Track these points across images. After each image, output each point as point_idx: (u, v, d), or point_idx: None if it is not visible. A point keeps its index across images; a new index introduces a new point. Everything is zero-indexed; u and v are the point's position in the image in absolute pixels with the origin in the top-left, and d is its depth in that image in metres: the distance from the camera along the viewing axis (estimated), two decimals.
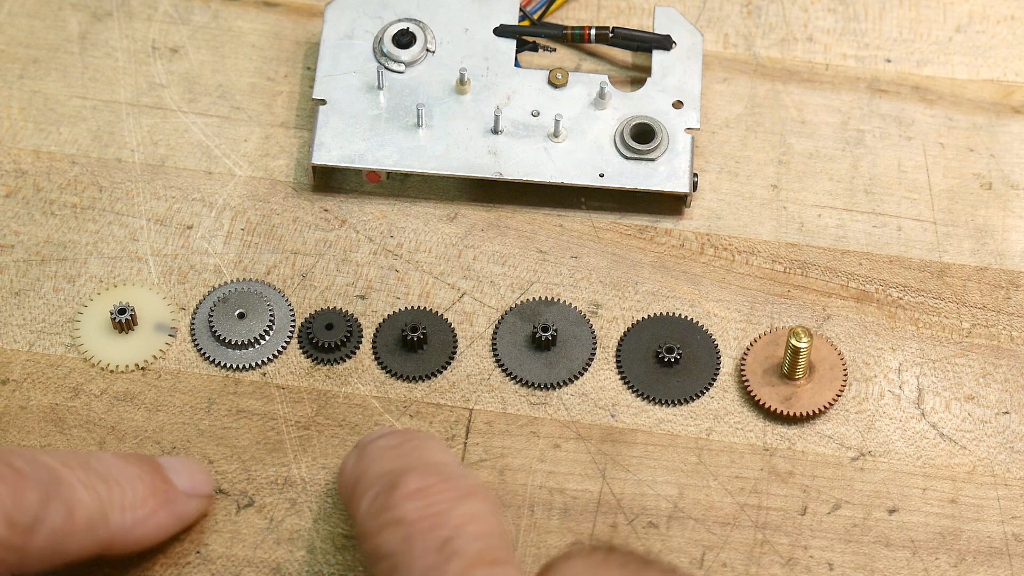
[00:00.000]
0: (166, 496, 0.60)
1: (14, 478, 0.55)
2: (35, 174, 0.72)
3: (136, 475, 0.59)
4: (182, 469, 0.61)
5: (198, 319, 0.68)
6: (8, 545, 0.54)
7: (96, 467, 0.58)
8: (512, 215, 0.71)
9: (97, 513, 0.57)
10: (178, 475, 0.61)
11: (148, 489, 0.59)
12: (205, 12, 0.76)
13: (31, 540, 0.55)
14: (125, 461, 0.59)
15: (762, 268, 0.70)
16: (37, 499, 0.55)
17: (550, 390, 0.67)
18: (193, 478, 0.62)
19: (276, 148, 0.73)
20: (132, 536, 0.58)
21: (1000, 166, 0.73)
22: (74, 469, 0.57)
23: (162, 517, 0.60)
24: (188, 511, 0.61)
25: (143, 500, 0.59)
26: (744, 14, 0.77)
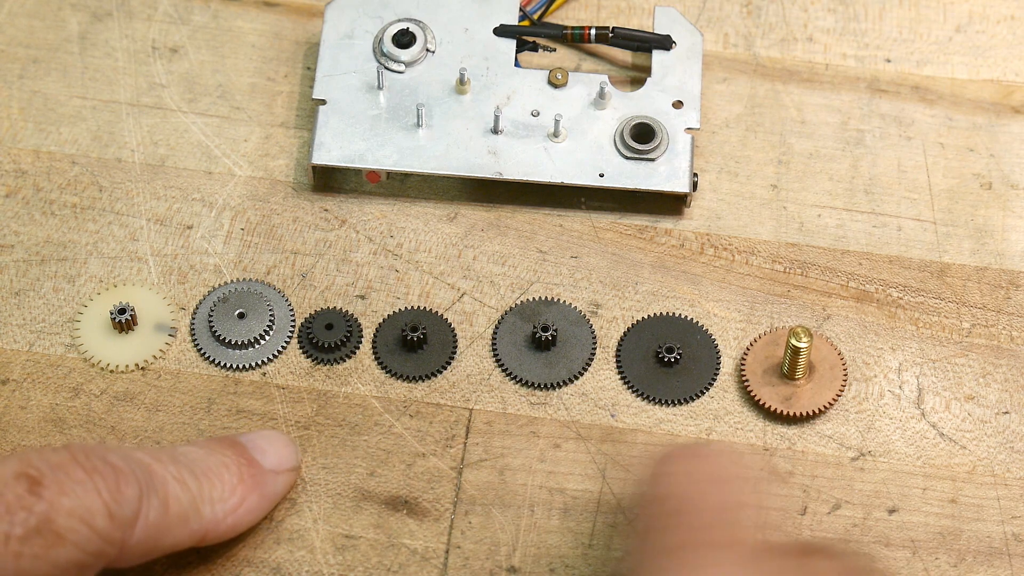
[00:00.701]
0: (254, 480, 0.60)
1: (112, 474, 0.55)
2: (35, 174, 0.72)
3: (223, 464, 0.59)
4: (266, 446, 0.62)
5: (198, 319, 0.68)
6: (110, 539, 0.55)
7: (185, 461, 0.58)
8: (512, 215, 0.72)
9: (190, 507, 0.58)
10: (263, 453, 0.61)
11: (236, 477, 0.60)
12: (205, 12, 0.76)
13: (131, 534, 0.56)
14: (210, 450, 0.60)
15: (762, 268, 0.70)
16: (135, 494, 0.56)
17: (550, 390, 0.67)
18: (279, 453, 0.62)
19: (276, 148, 0.73)
20: (224, 526, 0.59)
21: (1000, 166, 0.73)
22: (165, 464, 0.58)
23: (252, 501, 0.60)
24: (277, 490, 0.62)
25: (232, 489, 0.59)
26: (744, 14, 0.77)
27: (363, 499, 0.65)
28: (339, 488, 0.65)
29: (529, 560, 0.64)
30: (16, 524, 0.53)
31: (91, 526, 0.54)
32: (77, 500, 0.54)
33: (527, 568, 0.63)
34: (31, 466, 0.55)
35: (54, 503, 0.54)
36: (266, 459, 0.61)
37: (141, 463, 0.57)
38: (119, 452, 0.57)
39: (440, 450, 0.66)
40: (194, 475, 0.58)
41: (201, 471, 0.59)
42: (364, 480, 0.65)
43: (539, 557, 0.64)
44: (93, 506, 0.54)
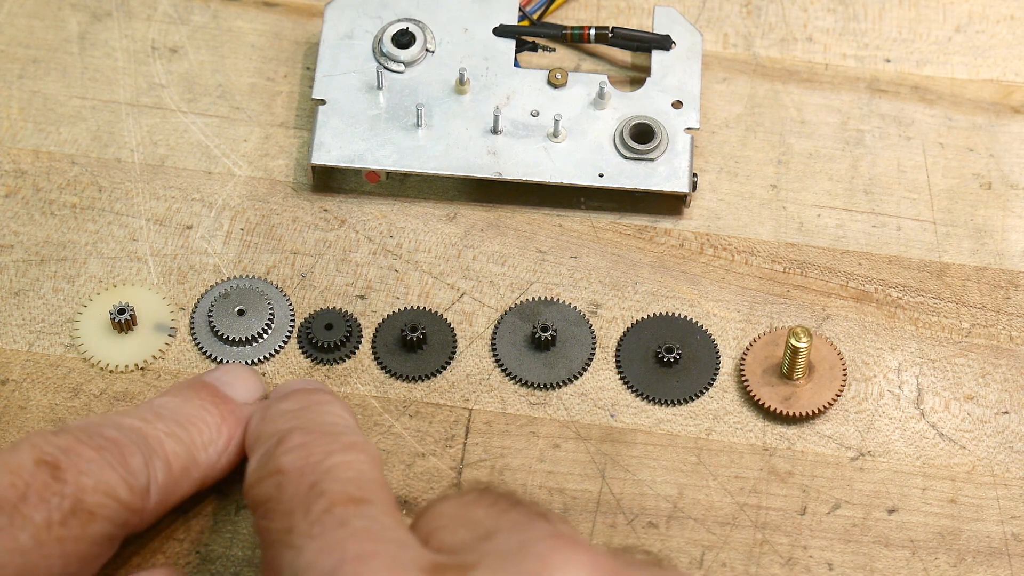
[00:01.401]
0: (234, 416, 0.62)
1: (116, 448, 0.57)
2: (35, 174, 0.72)
3: (202, 408, 0.61)
4: (233, 380, 0.63)
5: (198, 316, 0.68)
6: (132, 508, 0.57)
7: (168, 414, 0.60)
8: (512, 215, 0.72)
9: (188, 459, 0.60)
10: (233, 388, 0.63)
11: (218, 417, 0.61)
12: (205, 12, 0.76)
13: (148, 500, 0.58)
14: (185, 398, 0.61)
15: (761, 268, 0.70)
16: (141, 462, 0.58)
17: (550, 390, 0.67)
18: (247, 385, 0.63)
19: (276, 148, 0.73)
20: (220, 466, 0.61)
21: (1000, 166, 0.73)
22: (154, 423, 0.60)
23: (239, 437, 0.62)
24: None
25: (218, 430, 0.61)
26: (744, 14, 0.77)
27: None
28: None
29: None
30: (53, 510, 0.55)
31: (116, 499, 0.57)
32: (97, 477, 0.56)
33: None
34: (45, 452, 0.56)
35: (79, 484, 0.56)
36: (237, 393, 0.63)
37: (134, 429, 0.59)
38: (111, 423, 0.59)
39: (440, 450, 0.66)
40: (181, 426, 0.60)
41: (186, 419, 0.60)
42: None
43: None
44: (112, 480, 0.57)
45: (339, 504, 0.55)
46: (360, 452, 0.57)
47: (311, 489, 0.55)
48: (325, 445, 0.57)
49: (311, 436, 0.58)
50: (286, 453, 0.57)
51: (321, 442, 0.57)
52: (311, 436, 0.58)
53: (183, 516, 0.64)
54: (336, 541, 0.53)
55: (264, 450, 0.58)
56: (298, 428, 0.58)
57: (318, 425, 0.58)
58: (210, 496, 0.64)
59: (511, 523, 0.54)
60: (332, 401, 0.61)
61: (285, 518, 0.55)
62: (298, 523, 0.54)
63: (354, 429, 0.59)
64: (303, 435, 0.58)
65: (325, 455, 0.57)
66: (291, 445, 0.57)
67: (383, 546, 0.53)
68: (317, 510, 0.54)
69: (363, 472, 0.56)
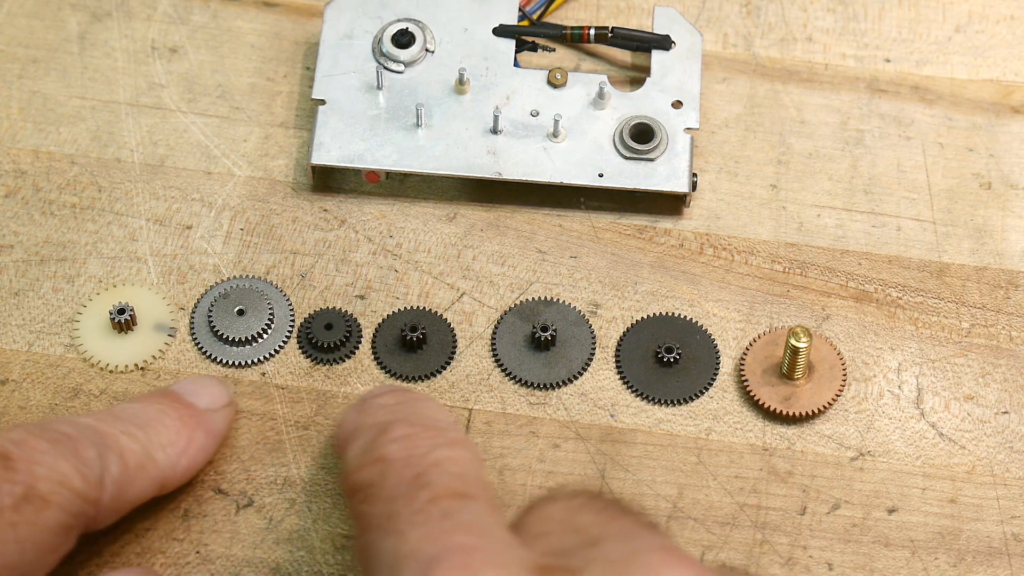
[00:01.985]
0: (195, 420, 0.62)
1: (69, 441, 0.58)
2: (34, 174, 0.72)
3: (161, 411, 0.62)
4: (197, 389, 0.64)
5: (198, 316, 0.68)
6: (87, 497, 0.58)
7: (126, 416, 0.61)
8: (511, 215, 0.72)
9: (144, 455, 0.60)
10: (196, 396, 0.63)
11: (177, 420, 0.62)
12: (204, 12, 0.76)
13: (102, 492, 0.58)
14: (146, 403, 0.62)
15: (761, 268, 0.70)
16: (94, 454, 0.58)
17: (549, 390, 0.67)
18: (211, 393, 0.64)
19: (275, 148, 0.73)
20: (180, 468, 0.62)
21: (1000, 166, 0.73)
22: (110, 423, 0.60)
23: (199, 440, 0.62)
24: (218, 426, 0.64)
25: (177, 432, 0.61)
26: (743, 14, 0.77)
27: None
28: (338, 488, 0.65)
29: None
30: (4, 496, 0.56)
31: (69, 487, 0.57)
32: (49, 467, 0.57)
33: None
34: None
35: (31, 472, 0.56)
36: (200, 400, 0.63)
37: (89, 426, 0.59)
38: (67, 421, 0.59)
39: None
40: (139, 426, 0.61)
41: (144, 421, 0.61)
42: None
43: None
44: (65, 469, 0.57)
45: (444, 497, 0.54)
46: (464, 449, 0.57)
47: (415, 479, 0.55)
48: (430, 438, 0.57)
49: (415, 428, 0.57)
50: (390, 443, 0.57)
51: (426, 435, 0.57)
52: (415, 428, 0.57)
53: (183, 516, 0.64)
54: (441, 531, 0.53)
55: (365, 439, 0.58)
56: (402, 420, 0.58)
57: (421, 418, 0.58)
58: (210, 496, 0.64)
59: (619, 531, 0.53)
60: (430, 399, 0.62)
61: (387, 504, 0.55)
62: (401, 509, 0.54)
63: (456, 426, 0.60)
64: (407, 427, 0.57)
65: (430, 448, 0.56)
66: (395, 435, 0.57)
67: (488, 542, 0.52)
68: (421, 499, 0.54)
69: (467, 469, 0.56)
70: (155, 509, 0.64)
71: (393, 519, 0.54)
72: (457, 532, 0.53)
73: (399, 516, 0.54)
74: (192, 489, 0.65)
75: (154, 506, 0.64)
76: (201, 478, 0.65)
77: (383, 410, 0.60)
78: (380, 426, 0.58)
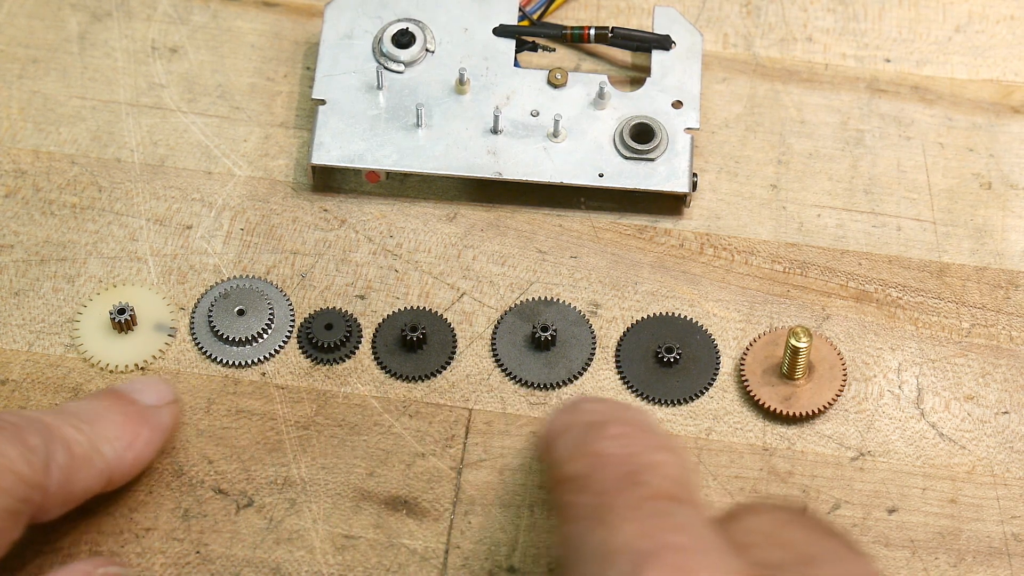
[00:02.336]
0: (140, 416, 0.63)
1: (14, 429, 0.58)
2: (34, 174, 0.72)
3: (106, 408, 0.62)
4: (142, 387, 0.64)
5: (198, 316, 0.68)
6: (32, 483, 0.58)
7: (72, 412, 0.61)
8: (512, 215, 0.72)
9: (90, 447, 0.60)
10: (141, 393, 0.64)
11: (123, 416, 0.62)
12: (204, 12, 0.76)
13: (48, 479, 0.58)
14: (91, 400, 0.63)
15: (761, 268, 0.70)
16: (40, 441, 0.59)
17: (549, 390, 0.67)
18: (155, 390, 0.64)
19: (276, 148, 0.73)
20: (127, 463, 0.62)
21: (1000, 166, 0.73)
22: (56, 416, 0.61)
23: (145, 435, 0.63)
24: (164, 422, 0.64)
25: (123, 427, 0.62)
26: (744, 14, 0.77)
27: (363, 499, 0.65)
28: (338, 488, 0.65)
29: (528, 560, 0.64)
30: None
31: (14, 472, 0.57)
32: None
33: (527, 568, 0.63)
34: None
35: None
36: (145, 397, 0.64)
37: (34, 418, 0.60)
38: (11, 413, 0.60)
39: (440, 450, 0.66)
40: (85, 420, 0.61)
41: (90, 417, 0.62)
42: (363, 480, 0.65)
43: (539, 557, 0.64)
44: (10, 454, 0.57)
45: (658, 497, 0.54)
46: (677, 455, 0.57)
47: (630, 476, 0.55)
48: (645, 440, 0.57)
49: (630, 428, 0.57)
50: (605, 439, 0.56)
51: (641, 436, 0.57)
52: (630, 428, 0.57)
53: (183, 516, 0.64)
54: (656, 528, 0.52)
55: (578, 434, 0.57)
56: (615, 420, 0.58)
57: (635, 421, 0.58)
58: (210, 496, 0.64)
59: (831, 553, 0.53)
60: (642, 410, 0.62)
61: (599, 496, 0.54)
62: (615, 502, 0.54)
63: (666, 433, 0.59)
64: (621, 426, 0.57)
65: (645, 449, 0.56)
66: (610, 433, 0.57)
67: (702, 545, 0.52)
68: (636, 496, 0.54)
69: (681, 474, 0.56)
70: (155, 509, 0.64)
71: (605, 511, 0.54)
72: (672, 531, 0.52)
73: (612, 509, 0.53)
74: (192, 489, 0.65)
75: (154, 506, 0.64)
76: (201, 478, 0.65)
77: (596, 412, 0.59)
78: (594, 424, 0.58)
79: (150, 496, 0.65)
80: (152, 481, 0.65)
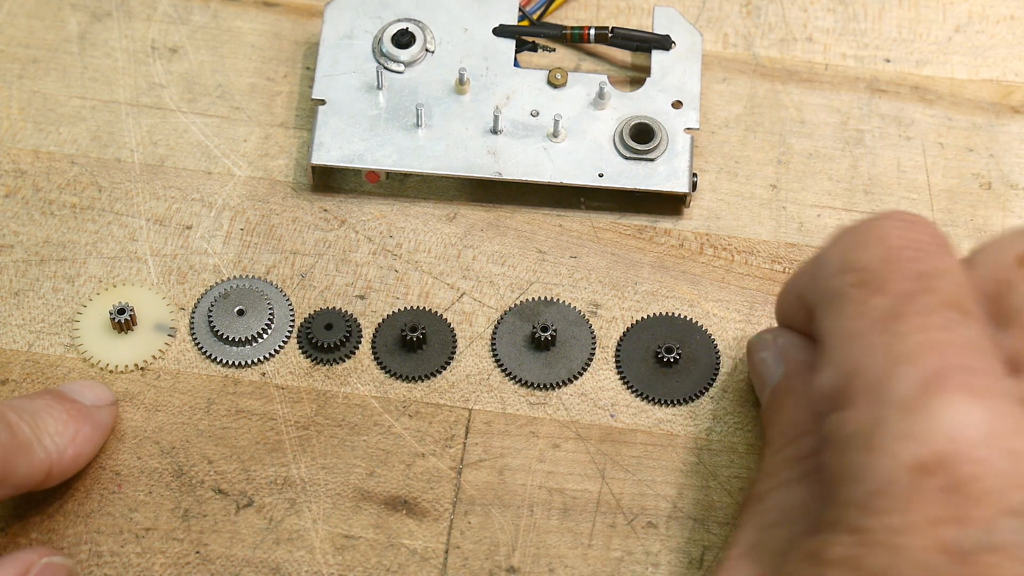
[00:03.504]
0: (81, 414, 0.64)
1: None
2: (34, 174, 0.72)
3: (48, 405, 0.63)
4: (81, 388, 0.65)
5: (197, 316, 0.68)
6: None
7: (13, 406, 0.62)
8: (512, 215, 0.72)
9: (32, 436, 0.61)
10: (80, 394, 0.65)
11: (64, 413, 0.63)
12: (204, 12, 0.76)
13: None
14: (32, 398, 0.63)
15: (761, 268, 0.70)
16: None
17: (549, 390, 0.67)
18: (94, 392, 0.65)
19: (275, 148, 0.73)
20: (67, 458, 0.63)
21: (999, 166, 0.73)
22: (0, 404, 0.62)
23: (86, 432, 0.63)
24: (104, 420, 0.65)
25: (64, 423, 0.63)
26: (743, 14, 0.77)
27: (362, 499, 0.65)
28: (338, 488, 0.65)
29: (528, 560, 0.64)
30: None
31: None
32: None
33: (527, 568, 0.63)
34: None
35: None
36: (84, 398, 0.65)
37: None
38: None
39: (439, 450, 0.66)
40: (26, 412, 0.62)
41: (30, 411, 0.62)
42: (363, 480, 0.65)
43: (539, 557, 0.64)
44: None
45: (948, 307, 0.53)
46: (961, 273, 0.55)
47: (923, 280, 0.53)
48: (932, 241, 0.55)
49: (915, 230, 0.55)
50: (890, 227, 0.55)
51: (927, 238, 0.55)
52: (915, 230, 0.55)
53: (183, 516, 0.64)
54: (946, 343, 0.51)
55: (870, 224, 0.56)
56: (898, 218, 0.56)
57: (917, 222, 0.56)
58: (210, 496, 0.64)
59: None
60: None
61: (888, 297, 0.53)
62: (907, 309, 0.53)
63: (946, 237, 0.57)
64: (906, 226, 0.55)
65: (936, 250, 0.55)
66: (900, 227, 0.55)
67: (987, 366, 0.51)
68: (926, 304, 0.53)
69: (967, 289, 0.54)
70: (155, 509, 0.64)
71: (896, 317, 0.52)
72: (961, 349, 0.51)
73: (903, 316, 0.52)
74: (192, 489, 0.65)
75: (154, 506, 0.64)
76: (201, 478, 0.65)
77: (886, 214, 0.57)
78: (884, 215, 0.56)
79: (150, 496, 0.65)
80: (152, 481, 0.65)
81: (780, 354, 0.62)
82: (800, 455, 0.58)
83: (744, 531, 0.58)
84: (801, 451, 0.58)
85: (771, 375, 0.62)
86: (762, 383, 0.63)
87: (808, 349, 0.61)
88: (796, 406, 0.60)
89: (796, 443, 0.58)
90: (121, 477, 0.65)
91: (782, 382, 0.61)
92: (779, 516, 0.57)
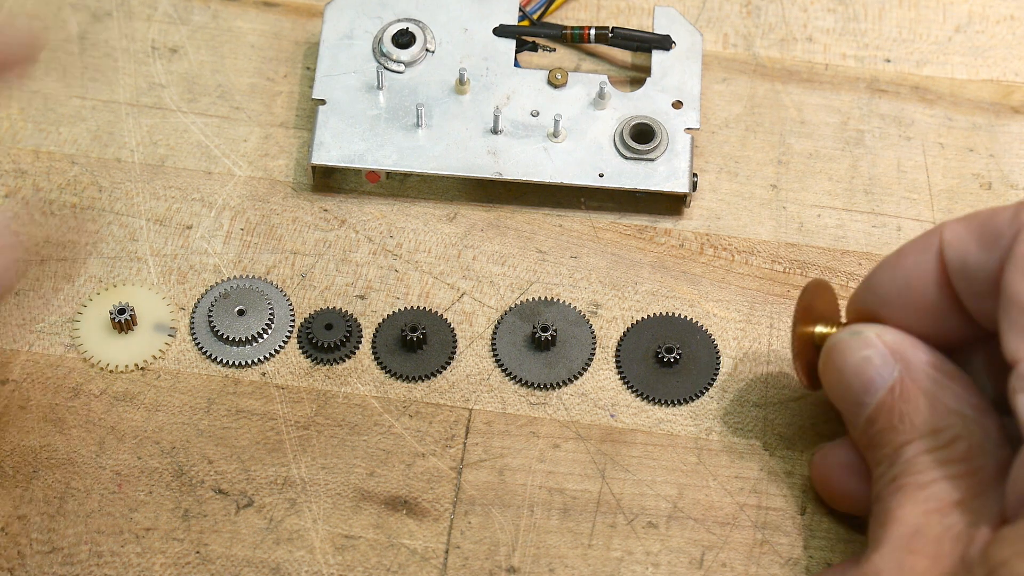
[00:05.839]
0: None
1: None
2: (35, 174, 0.72)
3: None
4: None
5: (198, 316, 0.68)
6: None
7: None
8: (512, 215, 0.72)
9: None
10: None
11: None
12: (205, 12, 0.76)
13: None
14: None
15: (762, 268, 0.70)
16: None
17: (550, 390, 0.67)
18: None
19: (276, 148, 0.73)
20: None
21: (1000, 166, 0.73)
22: None
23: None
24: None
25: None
26: (744, 14, 0.77)
27: (363, 499, 0.65)
28: (339, 488, 0.65)
29: (529, 560, 0.64)
30: None
31: None
32: None
33: (527, 568, 0.63)
34: None
35: None
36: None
37: None
38: None
39: (440, 450, 0.66)
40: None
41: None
42: (364, 480, 0.65)
43: (539, 557, 0.64)
44: None
45: None
46: None
47: None
48: None
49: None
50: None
51: None
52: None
53: (183, 516, 0.64)
54: None
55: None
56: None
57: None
58: (210, 496, 0.64)
59: None
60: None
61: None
62: None
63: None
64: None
65: None
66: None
67: None
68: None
69: None
70: (155, 509, 0.64)
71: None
72: None
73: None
74: (192, 489, 0.65)
75: (154, 506, 0.64)
76: (201, 478, 0.65)
77: None
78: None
79: (150, 496, 0.65)
80: (152, 481, 0.65)
81: (893, 351, 0.60)
82: (954, 457, 0.58)
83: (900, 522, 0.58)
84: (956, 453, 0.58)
85: (881, 374, 0.60)
86: (867, 383, 0.60)
87: (919, 345, 0.60)
88: (932, 405, 0.59)
89: (940, 439, 0.58)
90: (121, 477, 0.65)
91: (905, 380, 0.60)
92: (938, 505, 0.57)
